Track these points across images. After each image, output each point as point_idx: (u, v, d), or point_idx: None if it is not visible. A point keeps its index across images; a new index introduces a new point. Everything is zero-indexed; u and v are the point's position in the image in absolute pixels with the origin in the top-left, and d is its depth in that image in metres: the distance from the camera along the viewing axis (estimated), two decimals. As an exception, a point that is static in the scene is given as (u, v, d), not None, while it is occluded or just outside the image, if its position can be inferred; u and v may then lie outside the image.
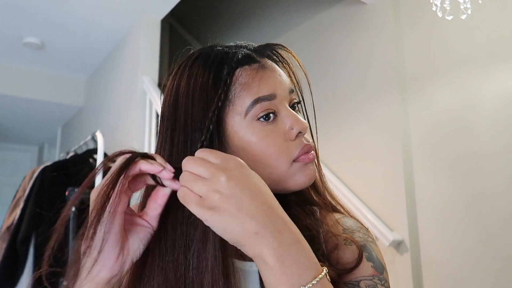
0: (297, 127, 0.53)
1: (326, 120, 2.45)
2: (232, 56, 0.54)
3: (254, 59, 0.55)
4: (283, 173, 0.53)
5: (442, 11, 1.52)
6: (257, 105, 0.52)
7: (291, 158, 0.53)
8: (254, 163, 0.51)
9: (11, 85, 3.39)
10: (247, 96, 0.52)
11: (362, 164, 2.20)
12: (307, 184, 0.55)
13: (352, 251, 0.54)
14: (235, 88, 0.52)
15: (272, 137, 0.52)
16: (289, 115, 0.54)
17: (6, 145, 5.25)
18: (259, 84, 0.52)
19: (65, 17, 2.63)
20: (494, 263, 1.67)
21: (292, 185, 0.54)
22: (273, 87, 0.53)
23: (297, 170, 0.53)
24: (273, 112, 0.53)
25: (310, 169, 0.55)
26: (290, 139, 0.53)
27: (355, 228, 0.58)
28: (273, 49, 0.59)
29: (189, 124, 0.51)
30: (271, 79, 0.54)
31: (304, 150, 0.54)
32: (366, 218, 2.01)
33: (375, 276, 0.53)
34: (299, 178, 0.54)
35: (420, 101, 2.03)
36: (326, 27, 2.57)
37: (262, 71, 0.54)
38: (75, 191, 1.82)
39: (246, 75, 0.53)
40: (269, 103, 0.52)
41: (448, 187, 1.85)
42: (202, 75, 0.53)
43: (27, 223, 2.04)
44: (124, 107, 2.71)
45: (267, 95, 0.52)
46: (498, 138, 1.72)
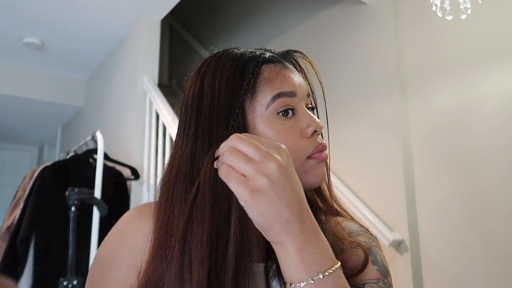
0: (314, 126, 0.55)
1: (325, 120, 2.45)
2: (258, 54, 0.57)
3: (278, 60, 0.58)
4: (297, 167, 0.53)
5: (442, 11, 1.52)
6: (278, 99, 0.54)
7: (306, 154, 0.54)
8: None
9: (11, 85, 3.39)
10: (270, 90, 0.54)
11: (363, 164, 2.20)
12: (317, 185, 0.56)
13: (358, 254, 0.55)
14: (259, 81, 0.55)
15: (289, 132, 0.54)
16: (307, 114, 0.56)
17: (6, 145, 5.26)
18: (282, 81, 0.55)
19: (65, 17, 2.64)
20: (493, 263, 1.67)
21: (305, 183, 0.54)
22: (294, 85, 0.56)
23: (310, 168, 0.55)
24: (292, 109, 0.55)
25: (322, 169, 0.56)
26: (306, 137, 0.55)
27: (360, 232, 0.60)
28: (293, 56, 0.62)
29: (214, 112, 0.53)
30: (293, 78, 0.57)
31: (318, 148, 0.56)
32: (366, 218, 2.01)
33: (380, 279, 0.55)
34: (310, 178, 0.55)
35: (420, 101, 2.03)
36: (326, 27, 2.57)
37: (285, 70, 0.57)
38: (75, 191, 1.82)
39: (271, 71, 0.56)
40: (290, 99, 0.55)
41: (448, 187, 1.85)
42: (229, 68, 0.55)
43: (27, 223, 2.04)
44: (124, 107, 2.71)
45: (288, 91, 0.55)
46: (498, 138, 1.72)
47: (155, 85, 2.44)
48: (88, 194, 1.85)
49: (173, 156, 0.57)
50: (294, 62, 0.62)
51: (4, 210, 2.76)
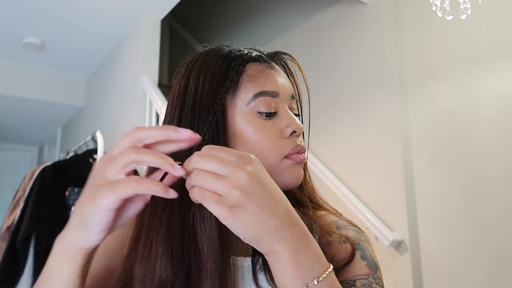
0: (293, 126, 0.55)
1: (326, 120, 2.45)
2: (245, 52, 0.58)
3: (264, 59, 0.59)
4: (273, 166, 0.54)
5: (442, 11, 1.52)
6: (259, 97, 0.54)
7: (283, 153, 0.55)
8: (248, 150, 0.53)
9: (11, 85, 3.39)
10: (252, 87, 0.55)
11: (363, 164, 2.20)
12: (292, 186, 0.55)
13: (346, 248, 0.55)
14: (243, 78, 0.55)
15: (268, 131, 0.54)
16: (287, 114, 0.56)
17: (6, 145, 5.25)
18: (265, 80, 0.56)
19: (65, 17, 2.63)
20: (494, 263, 1.67)
21: (280, 183, 0.53)
22: (278, 86, 0.56)
23: (286, 168, 0.55)
24: (273, 112, 0.56)
25: (298, 171, 0.56)
26: (285, 137, 0.55)
27: (347, 226, 0.60)
28: (281, 58, 0.62)
29: (197, 105, 0.54)
30: (277, 79, 0.57)
31: (296, 149, 0.56)
32: (366, 218, 2.01)
33: (370, 275, 0.55)
34: (285, 178, 0.55)
35: (420, 101, 2.03)
36: (326, 27, 2.57)
37: (270, 70, 0.57)
38: (75, 191, 1.82)
39: (255, 69, 0.56)
40: (272, 99, 0.55)
41: (448, 187, 1.85)
42: (215, 63, 0.56)
43: (27, 223, 2.04)
44: (124, 107, 2.71)
45: (271, 91, 0.55)
46: (498, 138, 1.72)
47: (155, 85, 2.44)
48: (88, 194, 1.84)
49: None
50: (283, 64, 0.62)
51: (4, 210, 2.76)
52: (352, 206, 2.10)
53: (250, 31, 3.32)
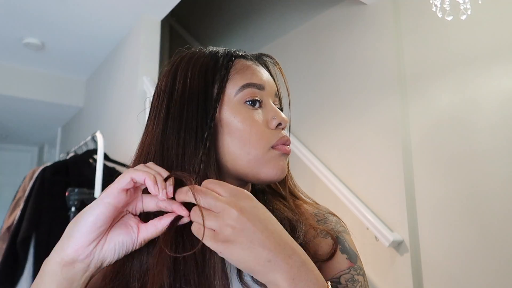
0: (279, 119, 0.57)
1: (326, 120, 2.45)
2: (232, 51, 0.61)
3: (250, 58, 0.62)
4: (260, 155, 0.55)
5: (442, 11, 1.53)
6: (247, 89, 0.57)
7: (270, 143, 0.56)
8: (235, 139, 0.55)
9: (11, 86, 3.39)
10: (240, 79, 0.57)
11: (362, 164, 2.20)
12: (277, 177, 0.56)
13: (328, 242, 0.57)
14: (231, 71, 0.57)
15: (254, 120, 0.56)
16: (273, 107, 0.59)
17: (6, 145, 5.26)
18: (252, 73, 0.58)
19: (65, 17, 2.64)
20: (494, 263, 1.67)
21: (265, 173, 0.56)
22: (263, 80, 0.59)
23: (273, 158, 0.56)
24: (260, 100, 0.58)
25: (283, 162, 0.57)
26: (270, 128, 0.57)
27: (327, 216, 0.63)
28: (264, 60, 0.64)
29: (186, 95, 0.56)
30: (262, 75, 0.59)
31: (282, 140, 0.57)
32: (366, 218, 2.01)
33: (351, 267, 0.57)
34: (271, 168, 0.56)
35: (420, 101, 2.03)
36: (326, 28, 2.57)
37: (256, 66, 0.60)
38: (75, 191, 1.82)
39: (243, 64, 0.59)
40: (258, 91, 0.57)
41: (448, 187, 1.85)
42: (203, 58, 0.58)
43: (27, 224, 2.04)
44: (124, 107, 2.71)
45: (258, 83, 0.57)
46: (498, 138, 1.72)
47: (155, 86, 2.44)
48: (88, 194, 1.85)
49: (143, 140, 0.58)
50: (266, 66, 0.64)
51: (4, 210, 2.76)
52: (352, 206, 2.10)
53: (250, 31, 3.32)
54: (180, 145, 0.54)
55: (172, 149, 0.54)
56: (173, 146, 0.54)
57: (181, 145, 0.54)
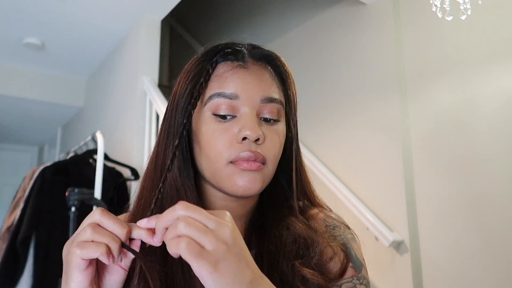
0: (245, 132, 0.52)
1: (325, 119, 2.45)
2: (220, 50, 0.56)
3: (239, 57, 0.56)
4: (218, 171, 0.53)
5: (442, 11, 1.53)
6: (215, 99, 0.53)
7: (228, 158, 0.52)
8: (199, 152, 0.55)
9: (11, 86, 3.39)
10: (212, 88, 0.54)
11: (362, 165, 2.20)
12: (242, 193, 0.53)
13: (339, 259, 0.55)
14: (211, 77, 0.55)
15: (219, 134, 0.53)
16: (244, 118, 0.53)
17: (6, 146, 5.25)
18: (225, 80, 0.54)
19: (65, 17, 2.64)
20: (494, 263, 1.67)
21: (226, 187, 0.53)
22: (240, 88, 0.53)
23: (230, 174, 0.52)
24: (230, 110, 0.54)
25: (247, 178, 0.52)
26: (237, 142, 0.52)
27: (336, 224, 0.60)
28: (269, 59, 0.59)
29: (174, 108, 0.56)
30: (241, 80, 0.54)
31: (243, 155, 0.52)
32: (366, 218, 2.01)
33: (354, 276, 0.55)
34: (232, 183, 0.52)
35: (420, 101, 2.03)
36: (326, 28, 2.57)
37: (237, 70, 0.55)
38: (75, 191, 1.82)
39: (223, 68, 0.55)
40: (230, 101, 0.53)
41: (448, 187, 1.85)
42: (197, 58, 0.57)
43: (27, 224, 2.04)
44: (124, 107, 2.71)
45: (229, 92, 0.53)
46: (498, 138, 1.72)
47: (155, 86, 2.44)
48: (88, 194, 1.85)
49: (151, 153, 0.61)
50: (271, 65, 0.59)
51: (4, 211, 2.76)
52: (352, 207, 2.10)
53: (250, 31, 3.32)
54: (162, 148, 0.56)
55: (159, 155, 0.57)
56: (160, 151, 0.57)
57: (162, 148, 0.56)
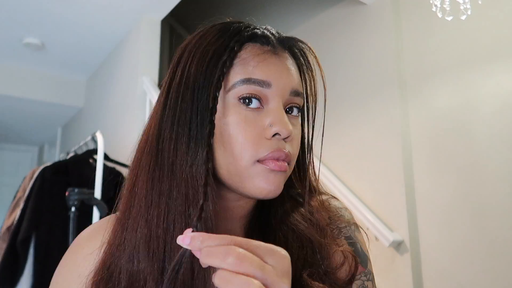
0: (278, 127, 0.46)
1: (325, 120, 2.44)
2: (250, 29, 0.49)
3: (269, 42, 0.50)
4: (242, 169, 0.46)
5: (442, 11, 1.53)
6: (244, 85, 0.46)
7: (257, 156, 0.46)
8: (220, 146, 0.46)
9: (11, 86, 3.39)
10: (239, 72, 0.46)
11: (362, 164, 2.20)
12: (265, 195, 0.47)
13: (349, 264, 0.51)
14: (235, 60, 0.47)
15: (247, 125, 0.46)
16: (276, 111, 0.47)
17: (6, 145, 5.26)
18: (257, 65, 0.47)
19: (65, 17, 2.63)
20: (493, 263, 1.67)
21: (248, 189, 0.46)
22: (272, 75, 0.47)
23: (258, 173, 0.46)
24: (259, 99, 0.47)
25: (272, 180, 0.46)
26: (266, 137, 0.46)
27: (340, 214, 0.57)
28: (297, 46, 0.54)
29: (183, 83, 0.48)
30: (274, 68, 0.48)
31: (274, 154, 0.46)
32: (366, 218, 2.01)
33: (362, 272, 0.53)
34: (257, 185, 0.46)
35: (420, 101, 2.03)
36: (326, 28, 2.57)
37: (269, 56, 0.48)
38: (75, 191, 1.82)
39: (251, 51, 0.48)
40: (261, 89, 0.47)
41: (448, 187, 1.85)
42: (212, 35, 0.48)
43: (27, 224, 2.04)
44: (124, 107, 2.71)
45: (260, 79, 0.46)
46: (498, 138, 1.72)
47: (155, 86, 2.44)
48: (88, 194, 1.85)
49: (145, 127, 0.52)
50: (296, 53, 0.54)
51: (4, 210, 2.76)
52: (352, 207, 2.10)
53: (250, 31, 3.32)
54: (172, 140, 0.46)
55: (165, 142, 0.47)
56: (167, 139, 0.47)
57: (174, 140, 0.46)
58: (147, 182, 0.47)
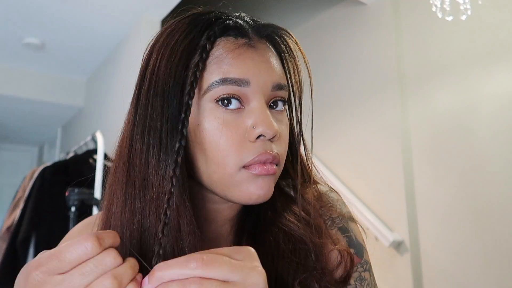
0: (261, 128, 0.42)
1: (325, 120, 2.45)
2: (222, 21, 0.45)
3: (244, 33, 0.45)
4: (227, 177, 0.43)
5: (442, 11, 1.53)
6: (221, 86, 0.42)
7: (241, 162, 0.42)
8: (201, 153, 0.43)
9: (11, 85, 3.39)
10: (214, 72, 0.42)
11: (362, 165, 2.20)
12: (254, 201, 0.43)
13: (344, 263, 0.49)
14: (208, 60, 0.43)
15: (228, 129, 0.42)
16: (258, 110, 0.43)
17: (6, 145, 5.26)
18: (233, 63, 0.43)
19: (65, 17, 2.64)
20: (493, 263, 1.67)
21: (236, 197, 0.43)
22: (250, 72, 0.43)
23: (244, 181, 0.43)
24: (238, 99, 0.43)
25: (260, 185, 0.43)
26: (250, 140, 0.42)
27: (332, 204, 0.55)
28: (279, 34, 0.48)
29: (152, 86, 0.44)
30: (251, 63, 0.43)
31: (260, 158, 0.42)
32: (366, 219, 2.01)
33: (358, 264, 0.51)
34: (244, 192, 0.43)
35: (420, 101, 2.03)
36: (326, 28, 2.57)
37: (245, 50, 0.44)
38: (75, 191, 1.82)
39: (225, 47, 0.44)
40: (239, 88, 0.42)
41: (448, 187, 1.85)
42: (181, 32, 0.44)
43: (27, 224, 2.04)
44: (124, 107, 2.71)
45: (237, 78, 0.42)
46: (497, 138, 1.72)
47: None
48: (88, 194, 1.85)
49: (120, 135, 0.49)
50: (277, 42, 0.49)
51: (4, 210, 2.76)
52: (352, 207, 2.09)
53: (250, 31, 3.33)
54: (143, 152, 0.42)
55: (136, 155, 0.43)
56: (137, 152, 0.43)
57: (145, 152, 0.42)
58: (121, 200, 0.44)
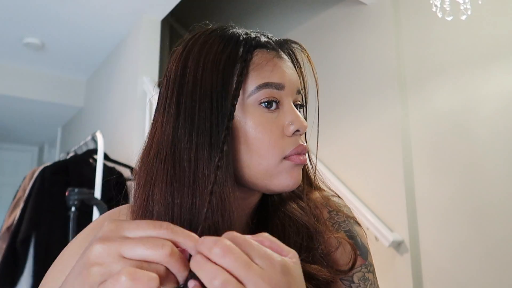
0: (297, 125, 0.51)
1: (325, 120, 2.45)
2: (252, 36, 0.52)
3: (273, 47, 0.54)
4: (271, 167, 0.50)
5: (442, 11, 1.53)
6: (263, 89, 0.50)
7: (283, 153, 0.50)
8: (245, 148, 0.50)
9: (11, 85, 3.40)
10: (256, 78, 0.50)
11: (363, 165, 2.20)
12: (290, 188, 0.52)
13: (347, 249, 0.55)
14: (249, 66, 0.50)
15: (269, 127, 0.50)
16: (292, 110, 0.52)
17: (6, 145, 5.25)
18: (271, 70, 0.51)
19: (65, 17, 2.64)
20: (493, 263, 1.67)
21: (276, 185, 0.51)
22: (284, 78, 0.51)
23: (285, 169, 0.51)
24: (277, 101, 0.51)
25: (297, 172, 0.52)
26: (287, 135, 0.51)
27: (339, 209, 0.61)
28: (290, 47, 0.58)
29: (197, 91, 0.49)
30: (284, 70, 0.52)
31: (297, 150, 0.51)
32: (366, 218, 2.01)
33: (363, 265, 0.55)
34: (283, 180, 0.51)
35: (420, 101, 2.03)
36: (326, 28, 2.58)
37: (278, 59, 0.53)
38: (75, 191, 1.82)
39: (262, 57, 0.51)
40: (277, 92, 0.51)
41: (448, 187, 1.85)
42: (217, 45, 0.51)
43: (27, 223, 2.04)
44: (124, 107, 2.71)
45: (276, 83, 0.50)
46: (497, 138, 1.72)
47: (155, 86, 2.44)
48: (88, 194, 1.85)
49: (152, 135, 0.52)
50: (291, 54, 0.58)
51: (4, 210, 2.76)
52: (352, 206, 2.07)
53: (250, 31, 3.32)
54: (192, 150, 0.47)
55: (184, 153, 0.48)
56: (185, 150, 0.48)
57: (194, 149, 0.47)
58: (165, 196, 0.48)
